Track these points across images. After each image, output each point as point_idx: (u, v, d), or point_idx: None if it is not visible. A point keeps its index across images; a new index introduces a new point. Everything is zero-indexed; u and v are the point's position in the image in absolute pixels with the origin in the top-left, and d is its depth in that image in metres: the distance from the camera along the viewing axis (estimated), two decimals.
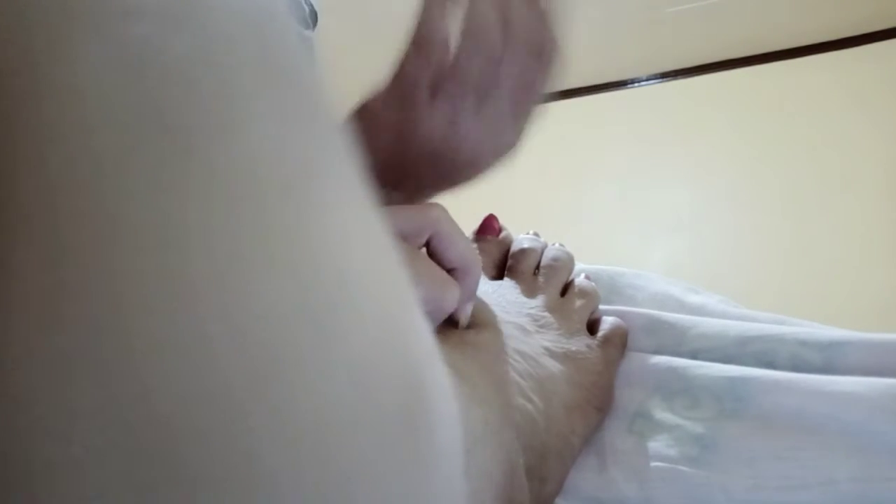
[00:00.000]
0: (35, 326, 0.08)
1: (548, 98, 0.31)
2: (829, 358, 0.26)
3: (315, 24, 0.40)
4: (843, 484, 0.22)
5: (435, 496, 0.12)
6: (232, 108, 0.09)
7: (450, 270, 0.26)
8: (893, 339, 0.26)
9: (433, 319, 0.25)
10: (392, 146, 0.28)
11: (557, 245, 0.36)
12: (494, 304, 0.30)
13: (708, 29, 1.56)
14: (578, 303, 0.32)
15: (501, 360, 0.26)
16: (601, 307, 0.34)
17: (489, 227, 0.36)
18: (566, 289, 0.34)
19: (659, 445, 0.26)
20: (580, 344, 0.30)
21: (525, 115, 0.31)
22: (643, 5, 1.48)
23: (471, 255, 0.26)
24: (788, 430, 0.24)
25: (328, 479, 0.09)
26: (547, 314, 0.30)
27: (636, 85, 1.77)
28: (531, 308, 0.31)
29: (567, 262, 0.35)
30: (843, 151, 1.55)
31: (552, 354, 0.28)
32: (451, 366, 0.23)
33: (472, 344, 0.26)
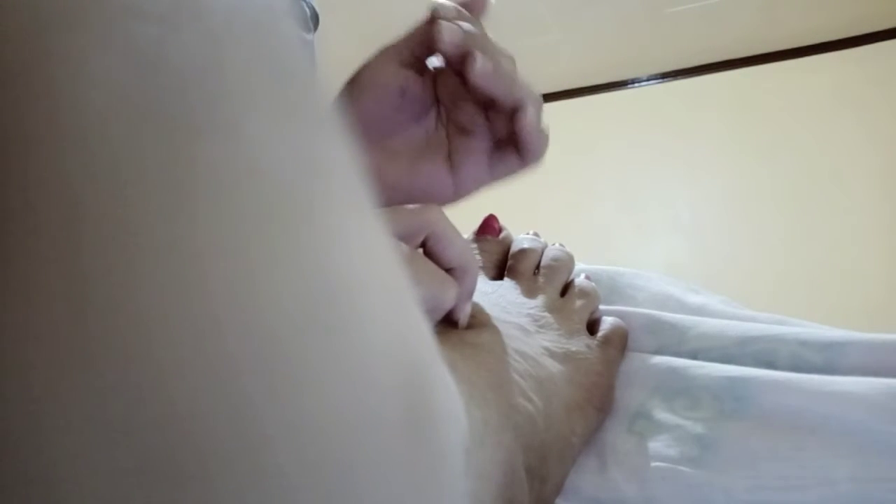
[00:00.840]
0: (45, 328, 0.08)
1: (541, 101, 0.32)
2: (829, 358, 0.26)
3: (316, 27, 0.40)
4: (843, 484, 0.22)
5: (437, 496, 0.12)
6: (235, 108, 0.09)
7: (448, 271, 0.26)
8: (894, 340, 0.26)
9: (432, 317, 0.25)
10: None
11: (557, 245, 0.36)
12: (494, 304, 0.30)
13: (707, 29, 1.56)
14: (578, 303, 0.32)
15: (501, 360, 0.26)
16: (601, 307, 0.34)
17: (489, 227, 0.36)
18: (566, 289, 0.34)
19: (659, 446, 0.26)
20: (580, 344, 0.30)
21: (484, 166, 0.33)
22: (643, 6, 1.48)
23: (468, 255, 0.27)
24: (788, 430, 0.24)
25: (333, 477, 0.10)
26: (547, 314, 0.30)
27: (636, 85, 1.77)
28: (531, 308, 0.31)
29: (567, 263, 0.35)
30: (843, 152, 1.55)
31: (552, 354, 0.28)
32: (451, 366, 0.23)
33: (472, 344, 0.26)
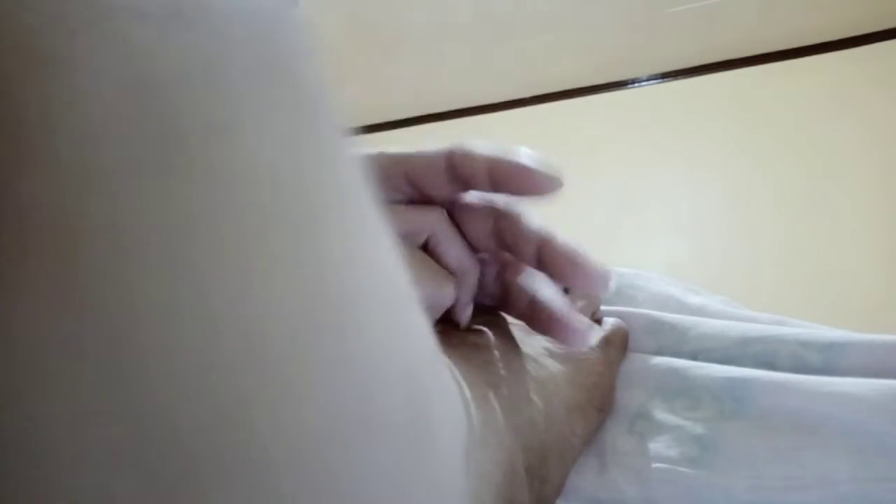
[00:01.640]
0: (38, 336, 0.08)
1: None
2: (829, 359, 0.26)
3: None
4: (844, 484, 0.22)
5: (436, 498, 0.12)
6: (235, 110, 0.09)
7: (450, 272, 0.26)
8: (893, 340, 0.26)
9: (431, 316, 0.25)
10: None
11: None
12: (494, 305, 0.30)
13: (708, 29, 1.56)
14: (579, 304, 0.32)
15: (502, 360, 0.26)
16: (601, 308, 0.34)
17: None
18: (566, 290, 0.34)
19: (659, 446, 0.26)
20: None
21: None
22: (642, 6, 1.48)
23: (469, 256, 0.27)
24: (788, 431, 0.24)
25: (333, 481, 0.09)
26: None
27: (636, 85, 1.77)
28: None
29: None
30: (843, 152, 1.55)
31: (553, 355, 0.28)
32: (451, 366, 0.23)
33: (473, 344, 0.26)
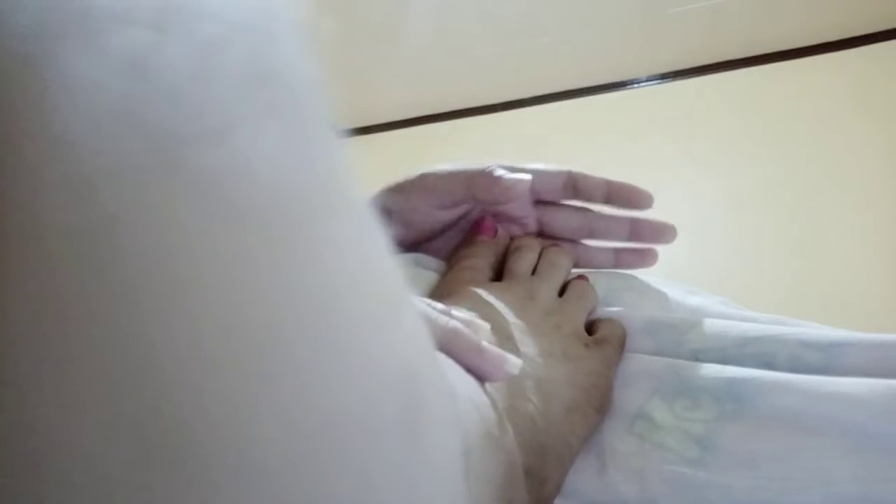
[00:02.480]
0: (33, 333, 0.08)
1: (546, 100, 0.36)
2: (828, 358, 0.26)
3: None
4: (844, 485, 0.22)
5: (434, 498, 0.12)
6: (225, 114, 0.09)
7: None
8: (893, 340, 0.26)
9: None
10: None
11: (555, 246, 0.36)
12: (495, 307, 0.30)
13: (708, 30, 1.56)
14: (576, 304, 0.32)
15: None
16: (599, 309, 0.34)
17: (484, 227, 0.36)
18: (564, 290, 0.34)
19: (659, 447, 0.26)
20: (579, 345, 0.30)
21: None
22: (642, 6, 1.48)
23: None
24: (788, 431, 0.24)
25: (329, 480, 0.09)
26: (545, 315, 0.30)
27: (635, 86, 1.77)
28: (529, 309, 0.30)
29: (564, 263, 0.35)
30: (845, 153, 1.55)
31: (551, 355, 0.28)
32: (450, 365, 0.23)
33: None
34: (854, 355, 0.26)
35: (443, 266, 0.36)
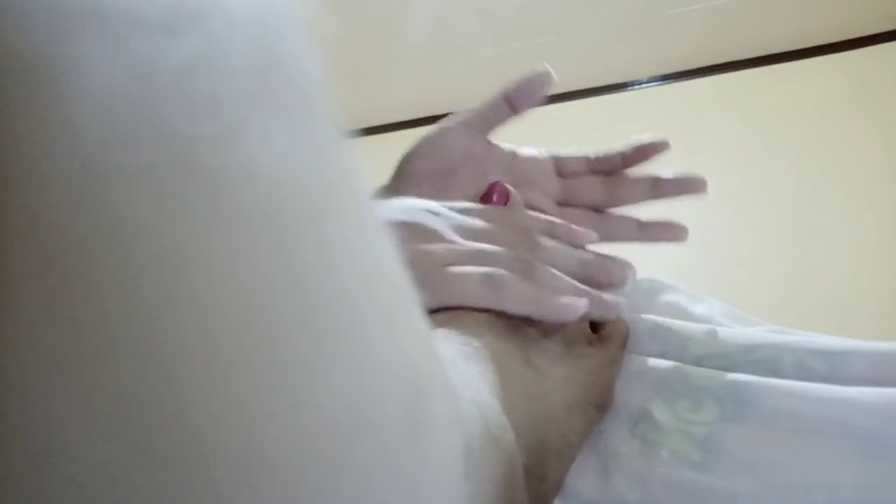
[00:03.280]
0: (43, 335, 0.08)
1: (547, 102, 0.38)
2: (834, 366, 0.26)
3: None
4: (847, 490, 0.22)
5: (435, 498, 0.12)
6: (235, 114, 0.09)
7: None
8: None
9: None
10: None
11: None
12: None
13: (709, 31, 1.56)
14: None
15: (502, 359, 0.26)
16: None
17: (497, 191, 0.37)
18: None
19: (661, 450, 0.26)
20: (581, 343, 0.30)
21: None
22: (643, 7, 1.48)
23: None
24: (792, 434, 0.24)
25: (333, 480, 0.10)
26: None
27: (636, 87, 1.77)
28: None
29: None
30: (846, 154, 1.55)
31: (551, 353, 0.28)
32: (452, 366, 0.23)
33: (474, 345, 0.26)
34: (860, 364, 0.26)
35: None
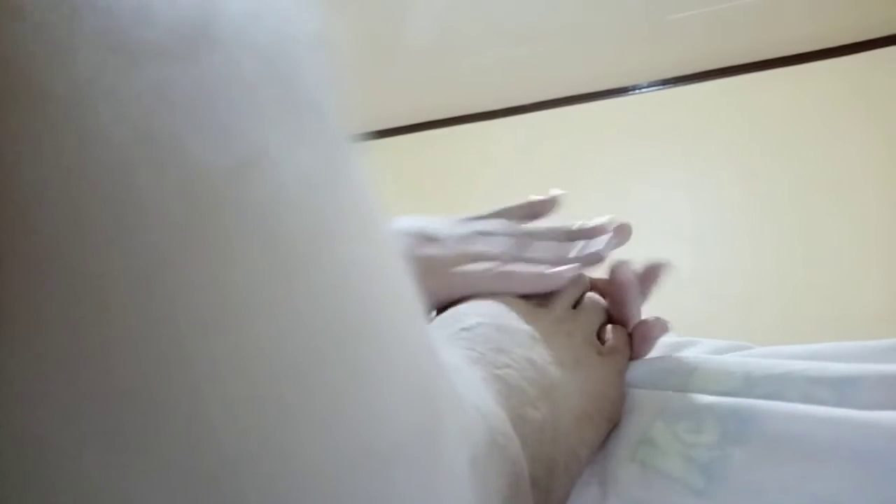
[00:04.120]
0: (57, 349, 0.08)
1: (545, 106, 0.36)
2: (842, 395, 0.25)
3: None
4: None
5: None
6: (251, 137, 0.09)
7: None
8: None
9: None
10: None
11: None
12: (505, 312, 0.30)
13: (709, 36, 1.56)
14: (590, 312, 0.32)
15: (510, 369, 0.26)
16: None
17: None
18: (577, 302, 0.34)
19: (662, 475, 0.25)
20: (590, 354, 0.30)
21: None
22: (644, 12, 1.48)
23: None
24: (797, 458, 0.23)
25: (366, 498, 0.10)
26: (557, 324, 0.30)
27: (637, 92, 1.77)
28: (541, 317, 0.30)
29: (583, 282, 0.35)
30: (846, 158, 1.55)
31: (562, 364, 0.28)
32: (459, 374, 0.23)
33: (481, 353, 0.26)
34: (869, 390, 0.24)
35: None
